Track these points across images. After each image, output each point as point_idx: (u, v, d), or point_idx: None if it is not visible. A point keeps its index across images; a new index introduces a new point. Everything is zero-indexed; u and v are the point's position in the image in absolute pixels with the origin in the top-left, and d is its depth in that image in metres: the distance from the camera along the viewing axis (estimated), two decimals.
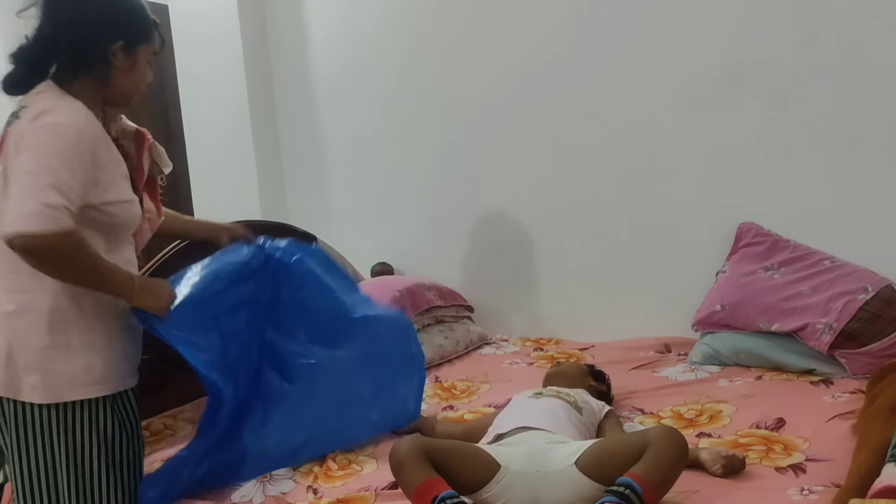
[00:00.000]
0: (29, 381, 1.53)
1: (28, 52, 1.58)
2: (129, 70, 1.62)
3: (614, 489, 1.40)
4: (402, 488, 1.51)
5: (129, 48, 1.60)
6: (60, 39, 1.55)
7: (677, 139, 2.69)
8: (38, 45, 1.57)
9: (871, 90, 2.36)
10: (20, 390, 1.53)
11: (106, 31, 1.57)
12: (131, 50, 1.60)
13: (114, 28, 1.58)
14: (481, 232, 3.16)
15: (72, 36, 1.55)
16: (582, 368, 2.19)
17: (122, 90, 1.64)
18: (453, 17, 3.10)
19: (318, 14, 3.45)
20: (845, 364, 2.22)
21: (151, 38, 1.65)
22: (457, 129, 3.15)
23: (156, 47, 1.68)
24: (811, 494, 1.53)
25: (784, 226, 2.54)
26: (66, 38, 1.55)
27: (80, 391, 1.56)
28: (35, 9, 1.59)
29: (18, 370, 1.53)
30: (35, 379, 1.53)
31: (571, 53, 2.84)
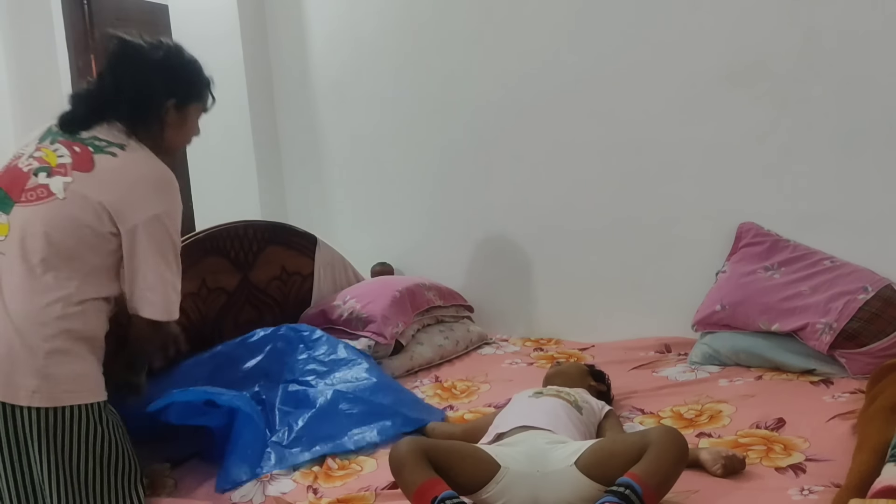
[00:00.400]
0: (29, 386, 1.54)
1: (89, 97, 1.73)
2: (179, 125, 1.78)
3: (614, 489, 1.40)
4: (402, 489, 1.51)
5: (182, 105, 1.76)
6: (122, 90, 1.69)
7: (677, 139, 2.69)
8: (100, 92, 1.72)
9: (872, 90, 2.36)
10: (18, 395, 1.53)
11: (163, 88, 1.72)
12: (183, 107, 1.76)
13: (170, 86, 1.73)
14: (481, 232, 3.17)
15: (132, 89, 1.69)
16: (582, 368, 2.19)
17: (171, 143, 1.81)
18: (453, 16, 3.10)
19: (318, 14, 3.45)
20: (845, 364, 2.22)
21: (203, 96, 1.81)
22: (457, 128, 3.15)
23: (206, 105, 1.84)
24: (811, 494, 1.53)
25: (784, 226, 2.54)
26: (127, 89, 1.69)
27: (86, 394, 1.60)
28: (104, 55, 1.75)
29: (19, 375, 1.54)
30: (36, 383, 1.54)
31: (571, 53, 2.84)
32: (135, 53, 1.73)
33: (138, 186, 1.66)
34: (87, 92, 1.75)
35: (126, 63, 1.72)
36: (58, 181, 1.64)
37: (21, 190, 1.65)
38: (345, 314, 2.67)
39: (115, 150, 1.68)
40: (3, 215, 1.64)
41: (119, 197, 1.64)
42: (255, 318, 2.62)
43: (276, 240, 2.73)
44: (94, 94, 1.74)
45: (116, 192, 1.64)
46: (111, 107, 1.71)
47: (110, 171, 1.65)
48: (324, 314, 2.72)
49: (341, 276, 2.99)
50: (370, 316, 2.63)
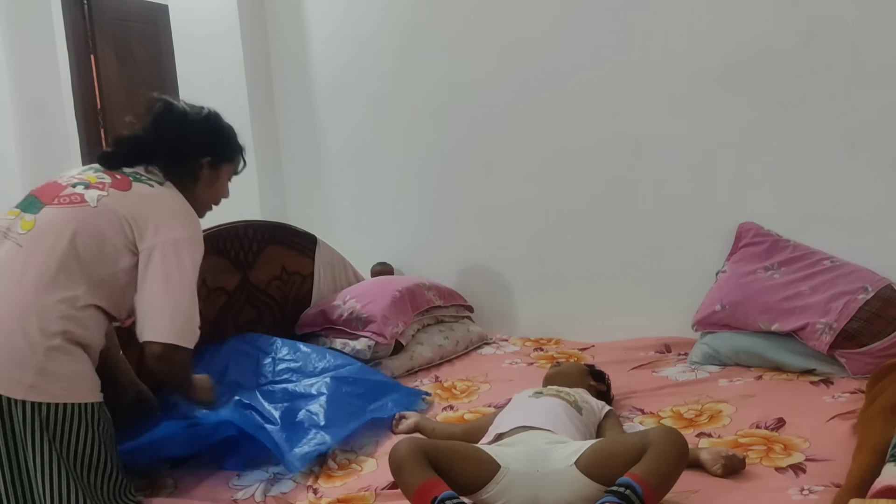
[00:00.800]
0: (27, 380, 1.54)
1: (131, 144, 1.84)
2: (211, 183, 1.91)
3: (614, 489, 1.40)
4: (402, 489, 1.51)
5: (216, 164, 1.90)
6: (163, 142, 1.82)
7: (677, 139, 2.69)
8: (143, 141, 1.83)
9: (872, 89, 2.36)
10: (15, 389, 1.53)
11: (200, 145, 1.87)
12: (217, 166, 1.90)
13: (207, 145, 1.88)
14: (481, 232, 3.17)
15: (173, 142, 1.83)
16: (582, 368, 2.18)
17: (202, 199, 1.91)
18: (453, 16, 3.10)
19: (318, 14, 3.45)
20: (845, 364, 2.22)
21: (236, 159, 1.96)
22: (457, 128, 3.15)
23: (237, 168, 1.97)
24: (811, 494, 1.53)
25: (784, 226, 2.54)
26: (168, 142, 1.82)
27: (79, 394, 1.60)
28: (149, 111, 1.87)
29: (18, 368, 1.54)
30: (33, 379, 1.54)
31: (571, 53, 2.84)
32: (178, 113, 1.88)
33: (166, 212, 1.75)
34: (130, 137, 1.85)
35: (169, 120, 1.86)
36: (93, 192, 1.72)
37: (55, 196, 1.73)
38: (345, 314, 2.67)
39: (154, 183, 1.79)
40: (30, 214, 1.69)
41: (145, 216, 1.71)
42: (255, 318, 2.62)
43: (276, 240, 2.73)
44: (136, 140, 1.84)
45: (144, 211, 1.71)
46: (151, 154, 1.82)
47: (145, 195, 1.75)
48: (324, 314, 2.72)
49: (341, 276, 2.99)
50: (370, 316, 2.63)
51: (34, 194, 1.75)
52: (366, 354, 2.56)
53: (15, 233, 1.66)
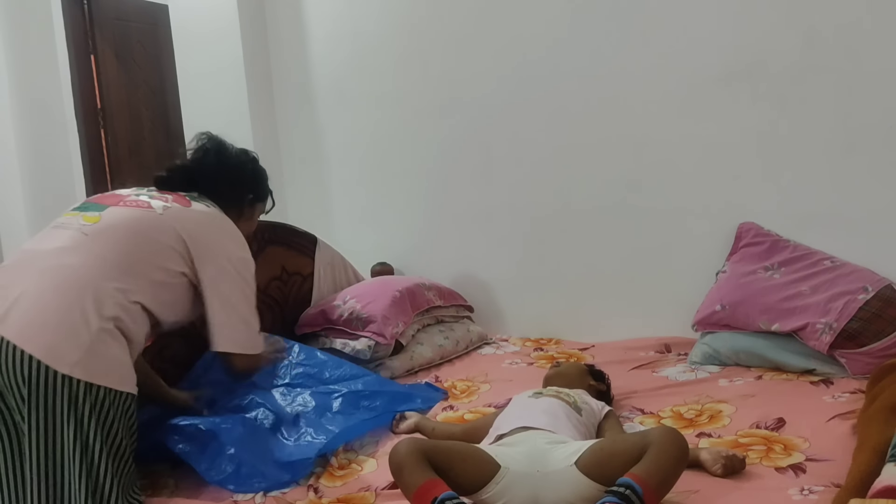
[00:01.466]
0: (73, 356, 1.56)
1: (185, 171, 1.98)
2: (248, 217, 2.06)
3: (615, 489, 1.40)
4: (402, 490, 1.51)
5: (255, 201, 2.08)
6: (214, 175, 1.97)
7: (677, 139, 2.69)
8: (200, 171, 1.98)
9: (871, 90, 2.36)
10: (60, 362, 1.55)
11: (249, 183, 2.05)
12: (254, 203, 2.08)
13: (253, 183, 2.07)
14: (481, 232, 3.17)
15: (227, 179, 1.99)
16: (581, 368, 2.18)
17: None
18: (453, 15, 3.10)
19: (318, 13, 3.45)
20: (845, 364, 2.22)
21: (266, 200, 2.14)
22: (457, 128, 3.15)
23: (266, 207, 2.15)
24: (811, 494, 1.53)
25: (784, 226, 2.54)
26: (219, 176, 1.98)
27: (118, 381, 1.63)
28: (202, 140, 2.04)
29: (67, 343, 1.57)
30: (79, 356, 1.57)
31: (571, 53, 2.84)
32: (228, 150, 2.05)
33: (225, 234, 1.88)
34: (184, 165, 2.00)
35: (222, 156, 2.02)
36: (158, 202, 1.83)
37: (119, 200, 1.83)
38: (345, 314, 2.67)
39: (210, 205, 1.92)
40: (94, 212, 1.78)
41: (206, 235, 1.83)
42: None
43: (276, 240, 2.73)
44: (189, 169, 1.99)
45: (204, 230, 1.83)
46: (202, 184, 1.96)
47: (204, 213, 1.87)
48: (324, 314, 2.72)
49: (341, 276, 2.99)
50: (370, 316, 2.63)
51: (93, 201, 1.86)
52: (366, 354, 2.56)
53: (78, 224, 1.74)
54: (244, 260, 1.88)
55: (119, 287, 1.66)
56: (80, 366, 1.56)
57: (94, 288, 1.63)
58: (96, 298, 1.62)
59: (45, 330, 1.56)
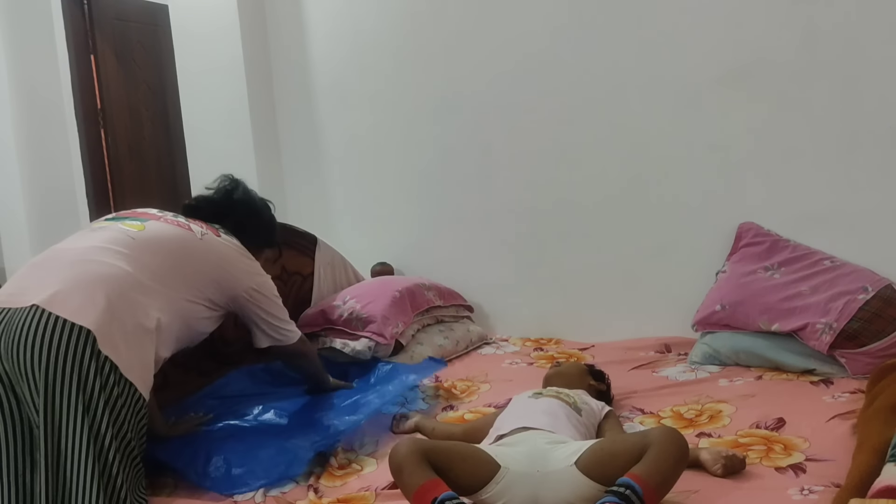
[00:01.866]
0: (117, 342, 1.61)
1: (212, 205, 2.13)
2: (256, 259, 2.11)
3: (615, 489, 1.40)
4: (402, 490, 1.51)
5: (262, 245, 2.21)
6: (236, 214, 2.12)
7: (678, 139, 2.69)
8: (228, 205, 2.13)
9: (871, 89, 2.36)
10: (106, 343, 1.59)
11: (266, 226, 2.24)
12: (263, 247, 2.21)
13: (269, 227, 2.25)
14: (481, 231, 3.16)
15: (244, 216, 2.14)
16: (581, 368, 2.18)
17: None
18: (453, 15, 3.10)
19: (318, 12, 3.45)
20: (845, 364, 2.22)
21: (275, 247, 2.31)
22: (457, 128, 3.15)
23: (275, 254, 2.34)
24: (811, 494, 1.53)
25: (784, 226, 2.54)
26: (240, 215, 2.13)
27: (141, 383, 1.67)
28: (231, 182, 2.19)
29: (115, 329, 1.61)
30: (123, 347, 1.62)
31: (571, 53, 2.84)
32: (250, 193, 2.21)
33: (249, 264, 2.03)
34: (210, 199, 2.15)
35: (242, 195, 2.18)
36: (196, 226, 1.95)
37: (158, 217, 1.91)
38: (345, 314, 2.67)
39: (232, 238, 2.04)
40: (136, 221, 1.85)
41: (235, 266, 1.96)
42: None
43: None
44: (219, 202, 2.14)
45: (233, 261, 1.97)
46: (230, 218, 2.10)
47: (232, 247, 2.00)
48: (324, 314, 2.72)
49: (341, 276, 2.99)
50: (370, 316, 2.63)
51: (125, 215, 1.94)
52: (366, 355, 2.56)
53: (119, 228, 1.79)
54: (268, 284, 2.08)
55: (159, 298, 1.73)
56: (119, 353, 1.60)
57: (139, 289, 1.69)
58: (137, 300, 1.67)
59: (94, 311, 1.60)
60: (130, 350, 1.64)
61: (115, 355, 1.60)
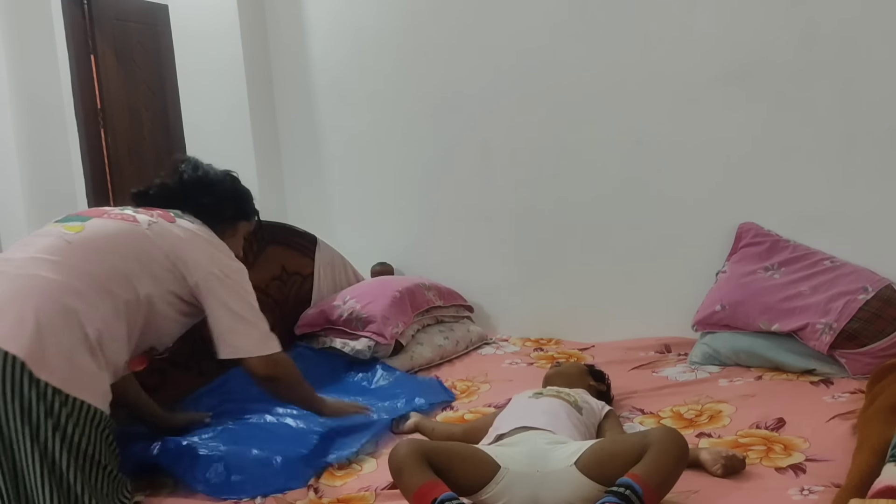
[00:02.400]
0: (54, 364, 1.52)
1: (163, 190, 1.99)
2: (231, 236, 2.02)
3: (615, 490, 1.40)
4: (402, 491, 1.51)
5: (235, 221, 2.05)
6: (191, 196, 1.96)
7: (677, 138, 2.69)
8: (182, 188, 1.98)
9: (871, 90, 2.36)
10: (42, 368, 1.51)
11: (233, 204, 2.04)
12: (236, 223, 2.05)
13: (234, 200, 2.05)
14: (481, 231, 3.16)
15: (207, 196, 1.97)
16: (581, 368, 2.18)
17: None
18: (452, 14, 3.10)
19: (318, 12, 3.45)
20: (845, 364, 2.22)
21: (252, 219, 2.12)
22: (457, 127, 3.15)
23: (252, 227, 2.13)
24: (811, 494, 1.53)
25: (784, 226, 2.54)
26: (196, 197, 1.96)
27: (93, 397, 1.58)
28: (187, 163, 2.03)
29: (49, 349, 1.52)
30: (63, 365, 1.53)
31: (571, 52, 2.84)
32: (207, 171, 2.03)
33: (211, 246, 1.86)
34: (166, 184, 2.00)
35: (199, 175, 2.01)
36: (144, 216, 1.81)
37: (103, 213, 1.80)
38: (345, 314, 2.67)
39: (194, 221, 1.91)
40: (77, 222, 1.75)
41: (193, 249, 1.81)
42: None
43: (276, 240, 2.73)
44: (172, 187, 1.99)
45: (191, 245, 1.81)
46: (184, 203, 1.95)
47: (188, 230, 1.85)
48: (324, 314, 2.72)
49: (341, 276, 2.99)
50: (370, 316, 2.63)
51: (76, 213, 1.83)
52: (365, 354, 2.56)
53: (59, 232, 1.70)
54: (235, 268, 1.87)
55: (99, 301, 1.62)
56: (59, 373, 1.51)
57: (74, 298, 1.58)
58: (73, 311, 1.57)
59: (24, 334, 1.50)
60: (73, 366, 1.55)
61: (55, 377, 1.51)
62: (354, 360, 2.58)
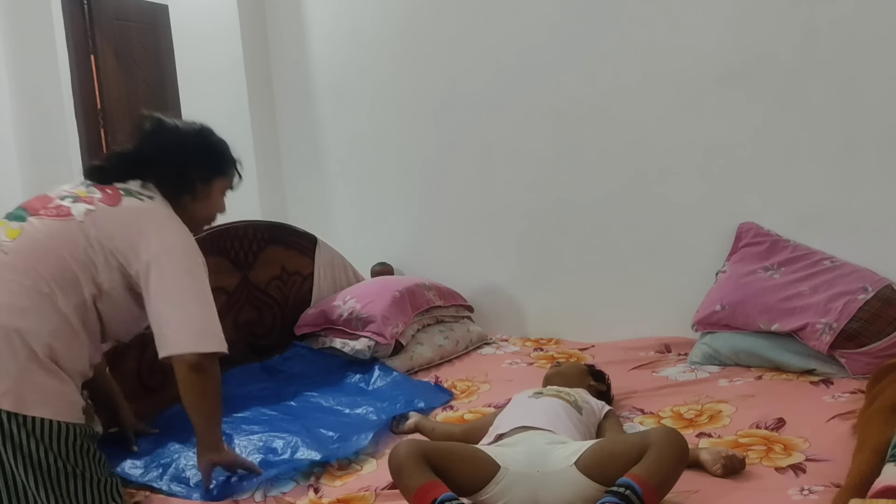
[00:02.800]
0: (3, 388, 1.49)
1: (122, 159, 1.81)
2: (205, 198, 1.85)
3: (615, 490, 1.40)
4: (402, 492, 1.51)
5: (208, 178, 1.85)
6: (154, 158, 1.79)
7: (678, 138, 2.69)
8: (134, 157, 1.80)
9: (871, 90, 2.36)
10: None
11: (193, 160, 1.82)
12: (209, 180, 1.85)
13: (200, 160, 1.84)
14: (481, 231, 3.16)
15: (165, 158, 1.79)
16: (582, 368, 2.18)
17: (197, 215, 1.85)
18: (453, 15, 3.10)
19: (318, 13, 3.45)
20: (845, 364, 2.22)
21: (229, 173, 1.90)
22: (457, 128, 3.15)
23: (231, 182, 1.91)
24: (811, 494, 1.53)
25: (784, 226, 2.54)
26: (160, 158, 1.79)
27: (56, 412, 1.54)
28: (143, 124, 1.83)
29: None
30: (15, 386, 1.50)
31: (571, 53, 2.84)
32: (169, 128, 1.83)
33: (153, 226, 1.70)
34: (121, 153, 1.83)
35: (162, 136, 1.81)
36: (81, 206, 1.68)
37: (41, 207, 1.69)
38: (345, 314, 2.67)
39: (144, 197, 1.74)
40: (16, 223, 1.66)
41: (135, 233, 1.67)
42: (255, 318, 2.62)
43: (276, 240, 2.73)
44: (127, 155, 1.81)
45: (133, 229, 1.67)
46: (143, 170, 1.79)
47: (133, 209, 1.70)
48: (324, 314, 2.72)
49: (341, 276, 2.99)
50: (370, 316, 2.63)
51: (23, 206, 1.72)
52: (365, 354, 2.56)
53: (2, 237, 1.63)
54: (181, 248, 1.70)
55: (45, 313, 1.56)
56: (9, 397, 1.48)
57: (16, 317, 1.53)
58: (16, 331, 1.52)
59: None
60: (25, 386, 1.50)
61: (6, 401, 1.48)
62: (352, 360, 2.58)
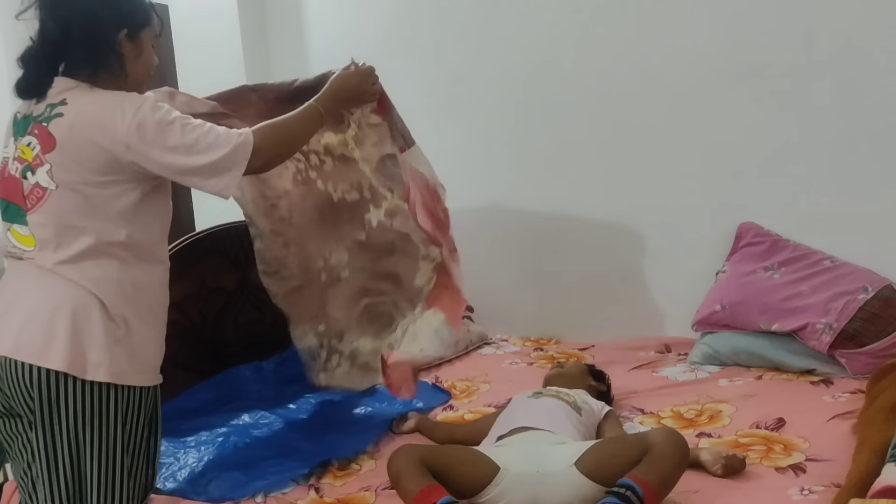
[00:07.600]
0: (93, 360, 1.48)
1: (38, 53, 1.58)
2: (137, 56, 1.64)
3: (615, 490, 1.40)
4: (401, 497, 1.51)
5: (133, 35, 1.62)
6: (70, 36, 1.55)
7: (678, 138, 2.69)
8: (46, 44, 1.57)
9: (871, 90, 2.36)
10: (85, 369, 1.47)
11: (111, 20, 1.58)
12: (136, 35, 1.62)
13: (116, 16, 1.59)
14: (481, 231, 3.16)
15: (80, 30, 1.55)
16: (582, 368, 2.19)
17: (134, 77, 1.65)
18: (454, 18, 3.09)
19: (318, 16, 3.45)
20: (845, 364, 2.22)
21: (152, 21, 1.66)
22: (456, 128, 3.15)
23: (157, 30, 1.68)
24: (811, 494, 1.53)
25: (784, 226, 2.54)
26: (75, 33, 1.55)
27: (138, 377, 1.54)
28: (34, 9, 1.58)
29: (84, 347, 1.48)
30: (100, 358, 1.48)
31: (573, 53, 2.84)
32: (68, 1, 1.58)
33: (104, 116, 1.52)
34: (35, 49, 1.59)
35: (66, 4, 1.57)
36: (42, 173, 1.55)
37: (23, 197, 1.60)
38: None
39: (59, 109, 1.55)
40: (24, 227, 1.58)
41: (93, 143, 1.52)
42: (255, 318, 2.62)
43: None
44: (41, 48, 1.58)
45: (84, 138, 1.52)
46: (63, 55, 1.57)
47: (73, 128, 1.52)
48: None
49: None
50: None
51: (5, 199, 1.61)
52: None
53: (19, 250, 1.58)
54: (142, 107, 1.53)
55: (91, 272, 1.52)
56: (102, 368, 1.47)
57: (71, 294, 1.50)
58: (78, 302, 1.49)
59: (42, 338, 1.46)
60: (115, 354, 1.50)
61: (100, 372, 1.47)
62: None
